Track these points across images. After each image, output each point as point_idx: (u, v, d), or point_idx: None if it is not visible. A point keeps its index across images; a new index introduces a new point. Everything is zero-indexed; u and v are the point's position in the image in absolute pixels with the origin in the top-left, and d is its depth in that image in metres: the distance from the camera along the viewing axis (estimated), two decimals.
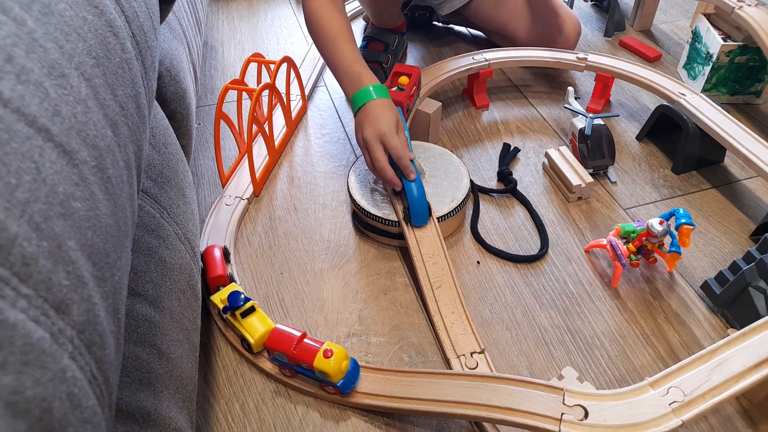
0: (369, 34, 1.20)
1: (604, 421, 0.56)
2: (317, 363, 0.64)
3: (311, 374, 0.66)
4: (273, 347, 0.67)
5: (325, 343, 0.65)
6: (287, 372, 0.69)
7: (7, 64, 0.28)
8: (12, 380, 0.22)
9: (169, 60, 0.71)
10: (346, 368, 0.65)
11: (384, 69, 1.17)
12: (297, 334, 0.66)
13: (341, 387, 0.64)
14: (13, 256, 0.24)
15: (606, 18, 1.35)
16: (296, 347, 0.65)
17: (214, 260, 0.77)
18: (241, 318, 0.70)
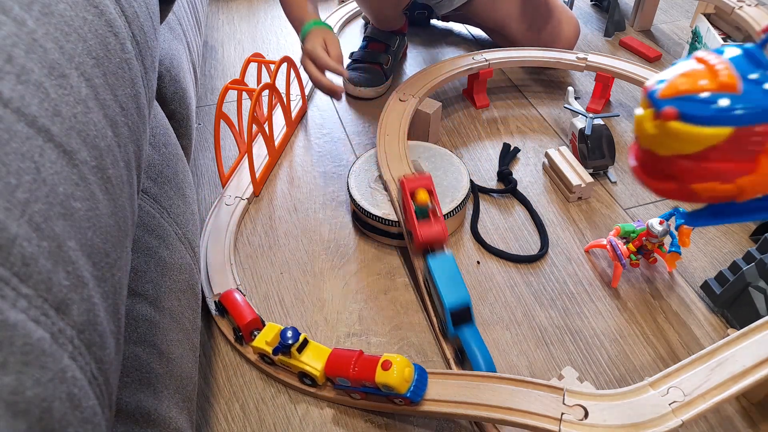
0: (369, 34, 1.19)
1: (604, 421, 0.56)
2: (379, 378, 0.59)
3: (378, 392, 0.62)
4: (333, 374, 0.63)
5: (382, 356, 0.61)
6: (356, 396, 0.65)
7: (7, 64, 0.28)
8: (12, 380, 0.22)
9: (169, 60, 0.71)
10: (410, 376, 0.60)
11: (384, 70, 1.16)
12: (353, 354, 0.63)
13: (411, 397, 0.60)
14: (13, 256, 0.24)
15: (606, 18, 1.35)
16: (355, 367, 0.61)
17: (239, 305, 0.72)
18: (298, 354, 0.65)
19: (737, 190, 0.28)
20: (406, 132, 0.93)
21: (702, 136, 0.26)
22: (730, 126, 0.26)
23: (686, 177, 0.28)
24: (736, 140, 0.26)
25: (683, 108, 0.26)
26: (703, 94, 0.26)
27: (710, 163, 0.27)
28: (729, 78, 0.26)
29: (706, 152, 0.26)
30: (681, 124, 0.26)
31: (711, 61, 0.27)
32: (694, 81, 0.26)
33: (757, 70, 0.26)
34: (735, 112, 0.26)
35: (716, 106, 0.26)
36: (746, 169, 0.27)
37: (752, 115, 0.26)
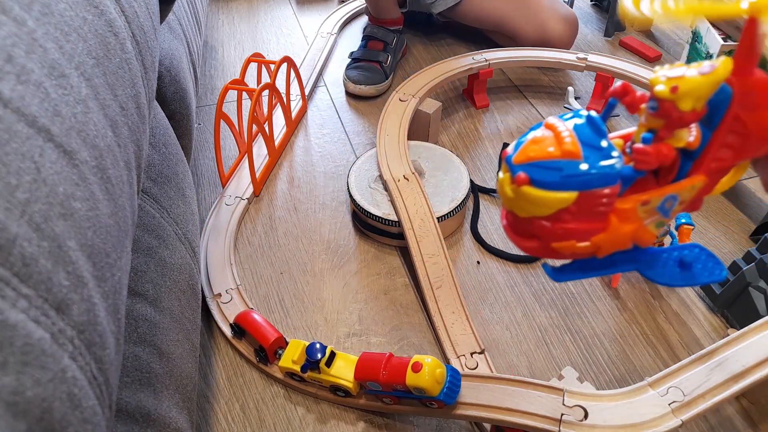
0: (368, 33, 1.20)
1: (604, 421, 0.56)
2: (410, 380, 0.57)
3: (410, 395, 0.60)
4: (363, 378, 0.62)
5: (412, 358, 0.59)
6: (388, 400, 0.63)
7: (7, 64, 0.28)
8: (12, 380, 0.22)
9: (169, 60, 0.71)
10: (442, 377, 0.58)
11: (384, 68, 1.16)
12: (382, 357, 0.61)
13: (444, 399, 0.58)
14: (13, 257, 0.24)
15: (606, 18, 1.35)
16: (384, 371, 0.60)
17: (259, 325, 0.70)
18: (327, 368, 0.64)
19: (594, 248, 0.30)
20: (406, 132, 0.93)
21: (551, 200, 0.28)
22: (575, 191, 0.28)
23: (546, 236, 0.30)
24: (583, 203, 0.28)
25: (533, 174, 0.28)
26: (550, 161, 0.28)
27: (564, 223, 0.29)
28: (572, 146, 0.28)
29: (558, 214, 0.29)
30: (532, 189, 0.28)
31: (558, 128, 0.29)
32: (543, 148, 0.29)
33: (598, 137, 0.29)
34: (577, 177, 0.28)
35: (561, 173, 0.28)
36: (598, 228, 0.29)
37: (593, 181, 0.28)
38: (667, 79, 0.27)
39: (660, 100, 0.28)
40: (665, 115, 0.28)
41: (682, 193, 0.30)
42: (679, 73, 0.28)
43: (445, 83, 1.06)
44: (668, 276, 0.34)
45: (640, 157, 0.28)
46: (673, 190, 0.30)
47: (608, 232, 0.29)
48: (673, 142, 0.29)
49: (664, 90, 0.28)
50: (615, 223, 0.29)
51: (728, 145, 0.29)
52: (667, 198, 0.30)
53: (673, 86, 0.27)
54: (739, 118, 0.28)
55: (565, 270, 0.33)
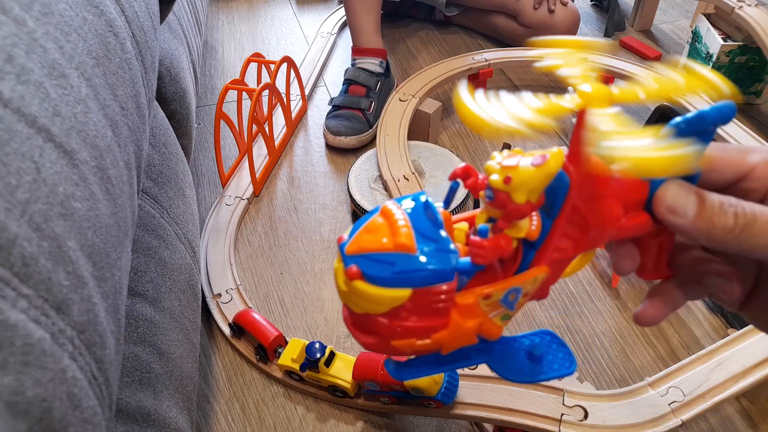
0: (349, 76, 1.07)
1: (604, 421, 0.56)
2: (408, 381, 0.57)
3: (408, 395, 0.60)
4: (361, 378, 0.61)
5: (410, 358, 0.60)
6: (386, 400, 0.63)
7: (7, 64, 0.28)
8: (12, 380, 0.22)
9: (169, 60, 0.71)
10: (440, 377, 0.59)
11: (366, 116, 1.04)
12: (380, 358, 0.60)
13: (442, 399, 0.58)
14: (13, 257, 0.24)
15: (606, 18, 1.35)
16: (382, 371, 0.59)
17: (258, 324, 0.70)
18: (326, 367, 0.64)
19: (436, 345, 0.28)
20: (406, 132, 0.93)
21: (384, 297, 0.26)
22: (408, 287, 0.25)
23: (384, 333, 0.27)
24: (420, 300, 0.26)
25: (365, 268, 0.26)
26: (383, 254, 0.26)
27: (401, 321, 0.26)
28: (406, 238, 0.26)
29: (395, 311, 0.26)
30: (364, 284, 0.26)
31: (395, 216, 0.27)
32: (377, 239, 0.26)
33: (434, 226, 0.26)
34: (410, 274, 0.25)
35: (393, 268, 0.25)
36: (439, 325, 0.27)
37: (427, 277, 0.26)
38: (501, 168, 0.26)
39: (495, 190, 0.26)
40: (501, 206, 0.26)
41: (525, 285, 0.28)
42: (513, 163, 0.26)
43: (445, 83, 1.06)
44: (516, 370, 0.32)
45: (476, 251, 0.26)
46: (515, 283, 0.28)
47: (450, 328, 0.27)
48: (512, 232, 0.27)
49: (497, 180, 0.26)
50: (456, 319, 0.27)
51: (568, 236, 0.28)
52: (510, 291, 0.28)
53: (506, 177, 0.26)
54: (577, 208, 0.27)
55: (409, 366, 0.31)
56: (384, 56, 1.09)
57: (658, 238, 0.29)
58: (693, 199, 0.25)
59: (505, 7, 1.24)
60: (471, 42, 1.33)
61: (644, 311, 0.31)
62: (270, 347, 0.68)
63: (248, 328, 0.70)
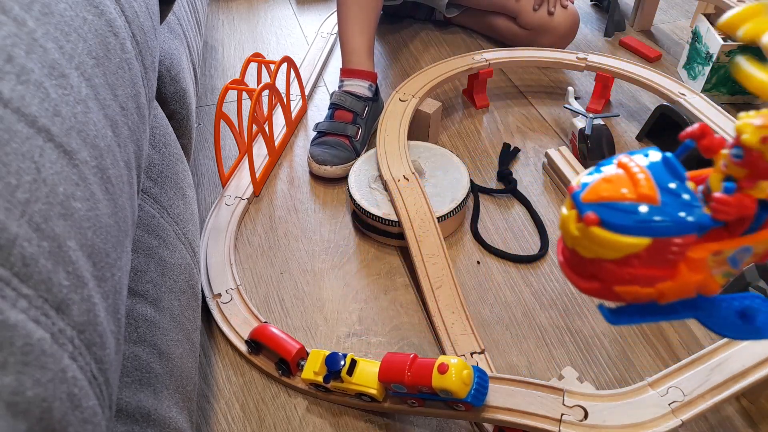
0: (335, 101, 1.00)
1: (604, 421, 0.56)
2: (435, 382, 0.55)
3: (437, 397, 0.58)
4: (387, 380, 0.60)
5: (438, 359, 0.57)
6: (413, 402, 0.61)
7: (7, 64, 0.28)
8: (12, 380, 0.22)
9: (169, 60, 0.71)
10: (469, 379, 0.56)
11: (353, 143, 0.98)
12: (407, 358, 0.59)
13: (472, 401, 0.56)
14: (13, 257, 0.24)
15: (606, 18, 1.35)
16: (409, 372, 0.58)
17: (278, 338, 0.68)
18: (349, 376, 0.62)
19: (658, 294, 0.29)
20: (406, 132, 0.93)
21: (622, 244, 0.27)
22: (649, 237, 0.26)
23: (609, 279, 0.28)
24: (656, 250, 0.27)
25: (604, 215, 0.27)
26: (624, 203, 0.27)
27: (631, 268, 0.27)
28: (649, 189, 0.26)
29: (627, 258, 0.27)
30: (602, 231, 0.27)
31: (632, 169, 0.28)
32: (616, 188, 0.27)
33: (674, 180, 0.27)
34: (653, 224, 0.26)
35: (636, 217, 0.26)
36: (666, 276, 0.28)
37: (670, 228, 0.26)
38: (755, 128, 0.26)
39: (747, 149, 0.27)
40: (751, 165, 0.27)
41: (757, 246, 0.29)
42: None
43: (445, 83, 1.06)
44: (730, 328, 0.33)
45: (721, 207, 0.27)
46: (749, 242, 0.28)
47: (675, 280, 0.28)
48: (755, 192, 0.27)
49: (752, 139, 0.26)
50: (684, 272, 0.28)
51: None
52: (741, 249, 0.29)
53: (764, 136, 0.26)
54: None
55: (623, 313, 0.32)
56: (374, 80, 1.03)
57: None
58: None
59: (505, 9, 1.24)
60: (471, 42, 1.33)
61: None
62: (293, 361, 0.67)
63: (267, 343, 0.68)
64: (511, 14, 1.24)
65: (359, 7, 1.03)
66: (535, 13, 1.19)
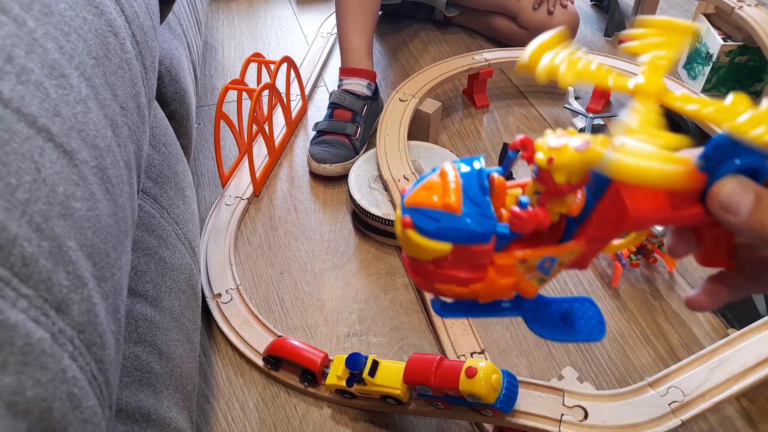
0: (334, 100, 1.01)
1: (604, 421, 0.56)
2: (463, 386, 0.53)
3: (464, 401, 0.56)
4: (412, 382, 0.58)
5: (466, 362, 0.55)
6: (440, 405, 0.59)
7: (7, 64, 0.28)
8: (12, 380, 0.22)
9: (169, 60, 0.71)
10: (498, 383, 0.54)
11: (352, 142, 0.98)
12: (433, 360, 0.57)
13: (501, 407, 0.55)
14: (13, 257, 0.24)
15: (606, 18, 1.35)
16: (435, 375, 0.56)
17: (299, 350, 0.67)
18: (371, 378, 0.60)
19: (473, 294, 0.31)
20: (406, 132, 0.93)
21: (429, 247, 0.29)
22: (449, 242, 0.29)
23: (429, 277, 0.31)
24: (459, 254, 0.29)
25: (416, 219, 0.29)
26: (432, 210, 0.29)
27: (443, 269, 0.30)
28: (453, 200, 0.29)
29: (438, 260, 0.30)
30: (414, 234, 0.29)
31: (448, 178, 0.30)
32: (429, 196, 0.30)
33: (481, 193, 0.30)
34: (451, 231, 0.29)
35: (438, 224, 0.29)
36: (476, 278, 0.30)
37: (465, 236, 0.29)
38: (548, 149, 0.28)
39: (539, 168, 0.28)
40: (544, 183, 0.28)
41: (560, 256, 0.31)
42: (560, 143, 0.28)
43: (445, 83, 1.06)
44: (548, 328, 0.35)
45: (515, 221, 0.29)
46: (551, 253, 0.30)
47: (485, 282, 0.30)
48: (553, 207, 0.29)
49: (541, 159, 0.28)
50: (492, 276, 0.30)
51: (609, 218, 0.29)
52: (545, 259, 0.30)
53: (549, 158, 0.27)
54: (620, 192, 0.28)
55: (450, 308, 0.34)
56: (373, 78, 1.03)
57: (717, 229, 0.29)
58: (750, 198, 0.24)
59: (504, 9, 1.24)
60: (471, 42, 1.33)
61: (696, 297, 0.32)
62: (319, 371, 0.66)
63: (288, 357, 0.67)
64: (511, 14, 1.24)
65: (358, 7, 1.03)
66: (535, 13, 1.19)
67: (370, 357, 0.62)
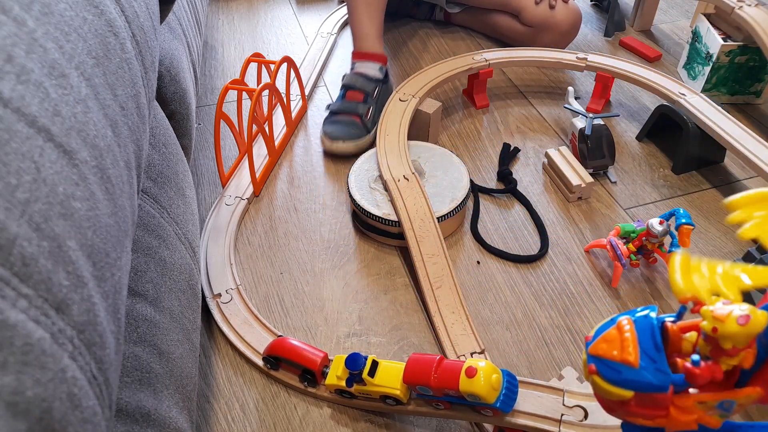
0: (346, 82, 1.05)
1: (604, 421, 0.56)
2: (463, 386, 0.54)
3: (464, 401, 0.56)
4: (412, 382, 0.58)
5: (465, 362, 0.55)
6: (440, 405, 0.59)
7: (7, 64, 0.28)
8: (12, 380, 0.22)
9: (169, 60, 0.71)
10: (498, 383, 0.54)
11: (364, 122, 1.01)
12: (433, 360, 0.57)
13: (501, 407, 0.55)
14: (13, 257, 0.24)
15: (606, 18, 1.35)
16: (436, 374, 0.56)
17: (299, 349, 0.67)
18: (371, 378, 0.60)
19: (658, 425, 0.36)
20: (406, 132, 0.93)
21: (612, 392, 0.35)
22: (631, 390, 0.34)
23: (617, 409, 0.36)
24: (641, 399, 0.34)
25: (600, 368, 0.35)
26: (613, 362, 0.34)
27: (629, 407, 0.35)
28: (631, 356, 0.34)
29: (625, 401, 0.35)
30: (599, 379, 0.35)
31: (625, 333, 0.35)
32: (609, 349, 0.35)
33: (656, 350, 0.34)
34: (632, 383, 0.34)
35: (620, 376, 0.34)
36: (659, 415, 0.35)
37: (643, 387, 0.34)
38: (712, 318, 0.32)
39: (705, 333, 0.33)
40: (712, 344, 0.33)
41: (738, 400, 0.34)
42: (724, 312, 0.32)
43: (445, 83, 1.06)
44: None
45: (690, 377, 0.33)
46: (729, 397, 0.34)
47: (668, 419, 0.35)
48: (725, 361, 0.33)
49: (706, 326, 0.33)
50: (674, 413, 0.35)
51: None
52: (724, 402, 0.34)
53: (713, 327, 0.32)
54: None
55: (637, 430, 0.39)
56: (384, 62, 1.07)
57: None
58: None
59: (506, 6, 1.24)
60: (471, 42, 1.33)
61: None
62: (319, 371, 0.66)
63: (288, 356, 0.67)
64: (513, 11, 1.24)
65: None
66: (538, 9, 1.20)
67: (369, 357, 0.62)
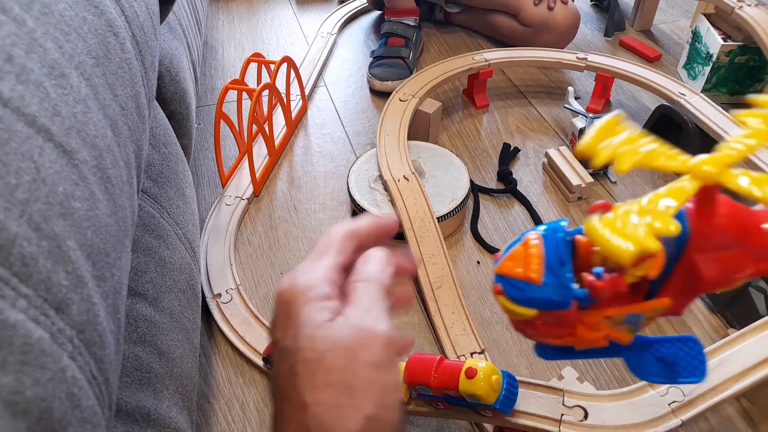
0: (387, 30, 1.21)
1: (604, 421, 0.56)
2: (463, 387, 0.53)
3: (464, 402, 0.56)
4: (413, 382, 0.57)
5: (466, 362, 0.55)
6: (440, 405, 0.59)
7: (7, 64, 0.28)
8: (12, 380, 0.22)
9: (169, 60, 0.71)
10: (498, 384, 0.54)
11: (407, 63, 1.17)
12: (433, 360, 0.57)
13: (501, 408, 0.55)
14: (12, 256, 0.24)
15: (606, 18, 1.35)
16: (435, 375, 0.55)
17: None
18: None
19: (566, 344, 0.35)
20: (406, 132, 0.93)
21: (516, 312, 0.34)
22: (533, 309, 0.33)
23: (525, 329, 0.36)
24: (545, 317, 0.33)
25: (504, 287, 0.34)
26: (517, 280, 0.34)
27: (537, 327, 0.35)
28: (534, 272, 0.33)
29: (531, 320, 0.34)
30: (504, 299, 0.34)
31: (530, 248, 0.34)
32: (513, 267, 0.34)
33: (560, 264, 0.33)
34: (533, 301, 0.33)
35: (522, 293, 0.33)
36: (566, 333, 0.34)
37: (546, 305, 0.33)
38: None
39: None
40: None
41: (645, 313, 0.33)
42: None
43: (445, 83, 1.06)
44: (647, 372, 0.37)
45: (592, 290, 0.32)
46: (636, 310, 0.33)
47: (576, 336, 0.34)
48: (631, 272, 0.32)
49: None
50: (582, 330, 0.34)
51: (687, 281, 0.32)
52: (630, 316, 0.33)
53: None
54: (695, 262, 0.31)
55: (551, 352, 0.39)
56: (417, 14, 1.24)
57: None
58: None
59: (505, 6, 1.24)
60: (471, 42, 1.33)
61: None
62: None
63: None
64: (512, 12, 1.24)
65: None
66: (537, 9, 1.20)
67: None
